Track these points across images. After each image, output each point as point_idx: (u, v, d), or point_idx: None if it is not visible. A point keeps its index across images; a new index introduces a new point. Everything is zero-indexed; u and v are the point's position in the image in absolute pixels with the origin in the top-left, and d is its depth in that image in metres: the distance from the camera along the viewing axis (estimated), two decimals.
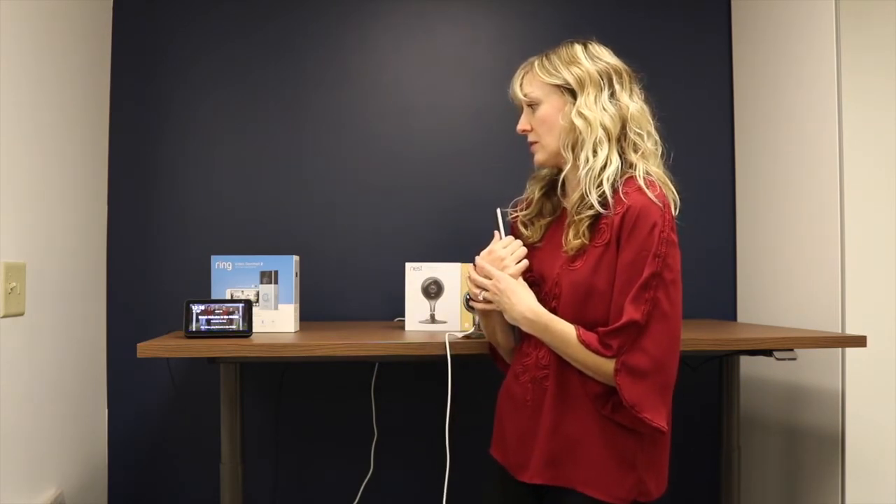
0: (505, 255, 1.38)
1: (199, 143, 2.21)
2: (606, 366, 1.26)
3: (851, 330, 1.84)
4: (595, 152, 1.30)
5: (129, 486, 2.15)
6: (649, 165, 1.32)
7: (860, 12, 1.86)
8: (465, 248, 1.79)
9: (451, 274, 1.84)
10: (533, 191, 1.47)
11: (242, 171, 2.22)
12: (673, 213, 1.29)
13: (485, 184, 2.25)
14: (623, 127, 1.32)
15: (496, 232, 1.43)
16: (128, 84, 2.18)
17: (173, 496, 2.17)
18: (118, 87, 2.17)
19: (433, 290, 1.84)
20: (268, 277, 1.76)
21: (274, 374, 2.16)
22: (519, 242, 1.40)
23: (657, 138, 1.37)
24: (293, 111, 2.24)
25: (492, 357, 1.55)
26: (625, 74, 1.36)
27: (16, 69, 1.57)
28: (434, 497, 1.59)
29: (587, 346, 1.27)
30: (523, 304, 1.33)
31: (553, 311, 1.33)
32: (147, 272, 2.17)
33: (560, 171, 1.40)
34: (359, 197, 2.25)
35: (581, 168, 1.32)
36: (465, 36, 2.31)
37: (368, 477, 2.12)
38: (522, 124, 1.41)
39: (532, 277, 1.40)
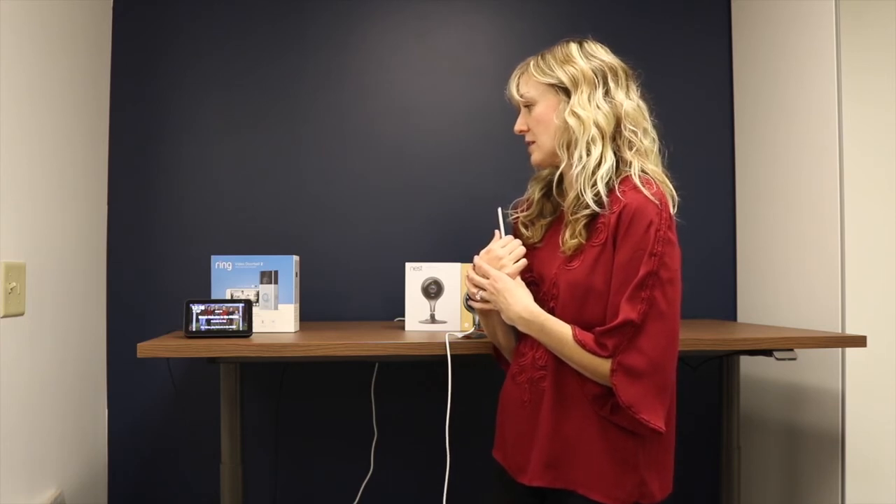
0: (503, 254, 1.37)
1: (199, 143, 2.21)
2: (602, 366, 1.25)
3: (851, 330, 1.84)
4: (589, 151, 1.29)
5: (129, 486, 2.15)
6: (646, 163, 1.31)
7: (860, 12, 1.86)
8: (465, 248, 1.78)
9: (451, 274, 1.84)
10: (533, 191, 1.47)
11: (242, 171, 2.22)
12: (671, 211, 1.27)
13: (485, 183, 2.25)
14: (618, 125, 1.31)
15: (496, 231, 1.43)
16: (128, 84, 2.18)
17: (173, 496, 2.17)
18: (118, 88, 2.17)
19: (433, 290, 1.84)
20: (268, 277, 1.76)
21: (274, 374, 2.16)
22: (518, 242, 1.40)
23: (654, 136, 1.35)
24: (293, 111, 2.24)
25: (495, 358, 1.54)
26: (620, 72, 1.35)
27: (16, 69, 1.57)
28: (434, 497, 1.59)
29: (583, 346, 1.26)
30: (519, 303, 1.33)
31: (551, 311, 1.33)
32: (147, 272, 2.17)
33: (558, 170, 1.39)
34: (359, 197, 2.25)
35: (575, 166, 1.31)
36: (465, 36, 2.31)
37: (368, 477, 2.12)
38: (519, 125, 1.42)
39: (532, 278, 1.40)
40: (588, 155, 1.29)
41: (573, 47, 1.36)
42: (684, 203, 1.35)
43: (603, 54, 1.36)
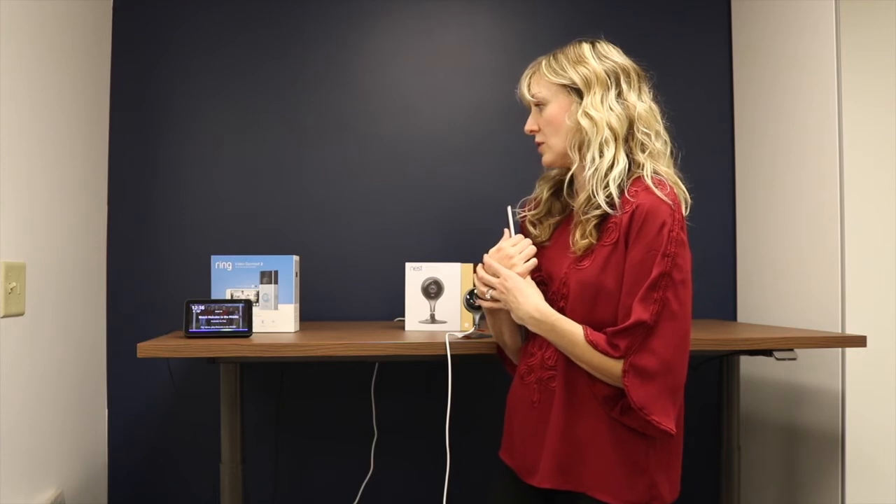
0: (514, 253, 1.36)
1: (199, 143, 2.21)
2: (614, 367, 1.24)
3: (851, 330, 1.84)
4: (601, 153, 1.29)
5: (129, 486, 2.15)
6: (658, 165, 1.31)
7: (860, 12, 1.86)
8: (465, 248, 1.79)
9: (451, 274, 1.83)
10: (542, 190, 1.46)
11: (242, 171, 2.22)
12: (683, 212, 1.27)
13: (485, 183, 2.25)
14: (630, 127, 1.31)
15: (506, 230, 1.43)
16: (128, 84, 2.18)
17: (173, 496, 2.17)
18: (118, 87, 2.17)
19: (433, 290, 1.84)
20: (268, 277, 1.76)
21: (274, 374, 2.16)
22: (528, 241, 1.39)
23: (666, 138, 1.35)
24: (293, 111, 2.24)
25: (500, 358, 1.54)
26: (633, 73, 1.35)
27: (16, 69, 1.57)
28: (434, 497, 1.60)
29: (595, 346, 1.25)
30: (530, 303, 1.32)
31: (561, 311, 1.32)
32: (147, 272, 2.17)
33: (569, 170, 1.39)
34: (359, 196, 2.25)
35: (587, 168, 1.30)
36: (465, 36, 2.31)
37: (368, 477, 2.11)
38: (530, 125, 1.41)
39: (540, 277, 1.39)
40: (601, 157, 1.29)
41: (586, 48, 1.35)
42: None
43: (616, 55, 1.35)
